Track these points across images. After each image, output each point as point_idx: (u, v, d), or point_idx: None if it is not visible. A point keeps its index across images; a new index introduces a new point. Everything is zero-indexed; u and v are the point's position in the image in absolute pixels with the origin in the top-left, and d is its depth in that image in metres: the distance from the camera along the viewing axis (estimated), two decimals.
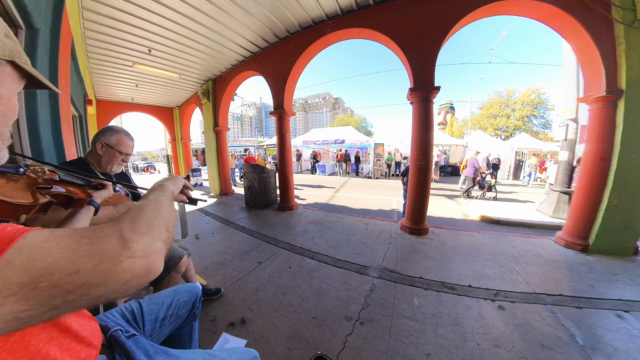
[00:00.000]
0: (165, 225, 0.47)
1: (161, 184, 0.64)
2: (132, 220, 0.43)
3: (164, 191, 0.60)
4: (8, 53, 0.44)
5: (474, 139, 14.43)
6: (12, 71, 0.47)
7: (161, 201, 0.54)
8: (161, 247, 0.42)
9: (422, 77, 3.49)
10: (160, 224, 0.46)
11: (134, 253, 0.37)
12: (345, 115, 56.24)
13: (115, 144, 1.31)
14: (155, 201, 0.53)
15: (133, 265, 0.36)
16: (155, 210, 0.49)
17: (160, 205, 0.52)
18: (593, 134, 3.08)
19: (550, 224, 4.50)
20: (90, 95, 5.52)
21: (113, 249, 0.36)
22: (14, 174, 0.54)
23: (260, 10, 3.76)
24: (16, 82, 0.48)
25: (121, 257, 0.36)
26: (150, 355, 0.76)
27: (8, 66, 0.45)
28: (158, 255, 0.40)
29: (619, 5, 2.72)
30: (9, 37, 0.46)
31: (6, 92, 0.45)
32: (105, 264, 0.34)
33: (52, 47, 1.80)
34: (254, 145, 25.84)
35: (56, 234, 0.35)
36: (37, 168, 0.63)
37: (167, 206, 0.54)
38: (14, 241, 0.31)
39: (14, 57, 0.46)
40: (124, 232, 0.39)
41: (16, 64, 0.47)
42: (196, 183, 9.60)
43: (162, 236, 0.44)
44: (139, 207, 0.48)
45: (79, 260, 0.33)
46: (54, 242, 0.33)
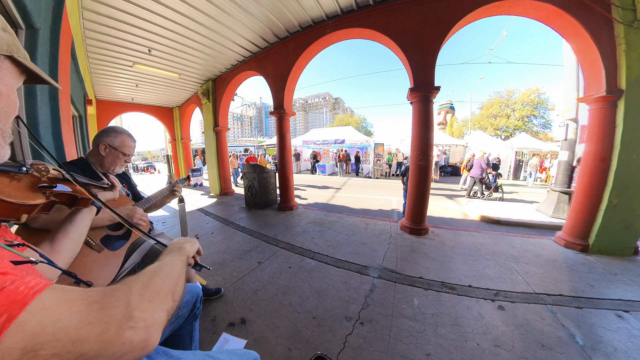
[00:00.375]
0: (172, 295, 0.46)
1: (181, 246, 0.64)
2: (143, 286, 0.42)
3: (182, 254, 0.60)
4: (6, 48, 0.43)
5: (474, 139, 14.44)
6: (10, 66, 0.45)
7: (175, 266, 0.54)
8: (163, 319, 0.40)
9: (422, 77, 3.49)
10: (168, 293, 0.45)
11: (135, 323, 0.35)
12: (345, 115, 56.23)
13: (119, 145, 1.31)
14: (170, 266, 0.52)
15: (133, 336, 0.34)
16: (167, 276, 0.48)
17: (173, 270, 0.51)
18: (593, 134, 3.08)
19: (550, 224, 4.50)
20: (90, 95, 5.52)
21: (119, 316, 0.35)
22: (17, 172, 0.53)
23: (260, 10, 3.76)
24: (15, 77, 0.47)
25: (124, 326, 0.34)
26: (151, 356, 0.76)
27: (6, 61, 0.44)
28: (158, 328, 0.39)
29: (619, 5, 2.72)
30: (7, 31, 0.44)
31: (5, 89, 0.44)
32: (109, 333, 0.33)
33: (52, 47, 1.80)
34: (254, 145, 25.82)
35: (68, 296, 0.34)
36: (41, 167, 0.62)
37: (179, 272, 0.53)
38: (28, 303, 0.30)
39: (12, 52, 0.44)
40: (131, 298, 0.38)
41: (15, 59, 0.45)
42: (196, 183, 9.60)
43: (166, 306, 0.42)
44: (153, 271, 0.47)
45: (86, 327, 0.32)
46: (65, 306, 0.32)
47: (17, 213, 0.48)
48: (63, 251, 0.67)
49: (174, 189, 1.49)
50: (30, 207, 0.51)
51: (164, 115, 9.79)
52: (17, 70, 0.47)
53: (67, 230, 0.70)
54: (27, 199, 0.50)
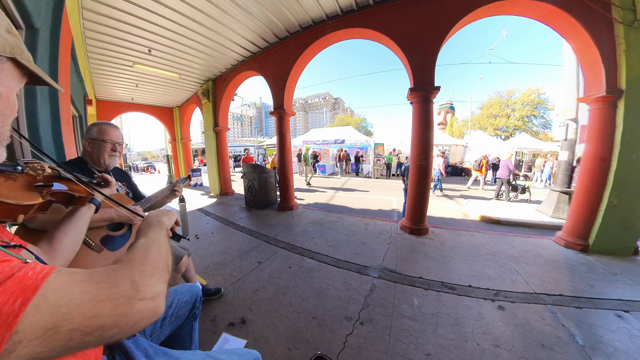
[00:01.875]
0: (167, 267, 0.50)
1: (159, 219, 0.65)
2: (141, 263, 0.45)
3: (162, 228, 0.62)
4: (9, 49, 0.43)
5: (474, 139, 14.44)
6: (12, 68, 0.45)
7: (161, 240, 0.56)
8: (164, 289, 0.44)
9: (422, 77, 3.49)
10: (164, 266, 0.49)
11: (144, 296, 0.39)
12: (345, 115, 56.19)
13: (97, 134, 1.31)
14: (157, 241, 0.55)
15: (143, 307, 0.38)
16: (158, 252, 0.51)
17: (161, 245, 0.54)
18: (593, 134, 3.08)
19: (550, 224, 4.50)
20: (90, 95, 5.52)
21: (127, 292, 0.38)
22: (12, 172, 0.52)
23: (260, 10, 3.76)
24: (16, 79, 0.47)
25: (134, 299, 0.38)
26: (150, 356, 0.76)
27: (8, 63, 0.44)
28: (162, 297, 0.43)
29: (619, 5, 2.72)
30: (11, 33, 0.44)
31: (5, 91, 0.44)
32: (121, 307, 0.36)
33: (52, 47, 1.80)
34: (254, 145, 25.81)
35: (75, 277, 0.36)
36: (37, 165, 0.60)
37: (166, 246, 0.56)
38: (39, 287, 0.31)
39: (15, 54, 0.44)
40: (134, 275, 0.41)
41: (17, 61, 0.45)
42: (196, 183, 9.60)
43: (165, 278, 0.46)
44: (144, 248, 0.50)
45: (99, 304, 0.34)
46: (75, 287, 0.34)
47: (13, 214, 0.47)
48: (62, 250, 0.66)
49: (175, 188, 1.49)
50: (26, 208, 0.50)
51: (164, 115, 9.79)
52: (19, 72, 0.47)
53: (65, 228, 0.69)
54: (22, 199, 0.49)
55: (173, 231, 0.75)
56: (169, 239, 0.65)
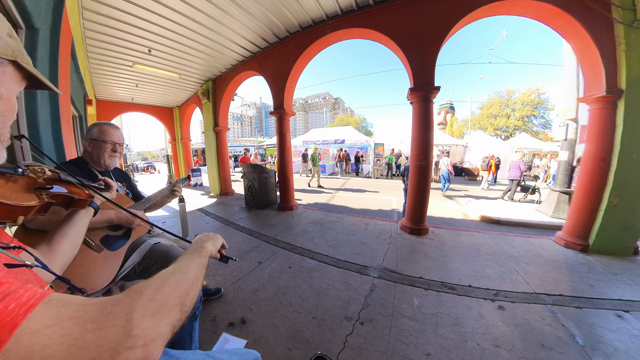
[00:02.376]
0: (181, 306, 0.42)
1: (202, 245, 0.61)
2: (149, 297, 0.38)
3: (202, 255, 0.57)
4: (11, 53, 0.43)
5: (474, 139, 14.44)
6: (13, 71, 0.46)
7: (190, 271, 0.49)
8: (165, 334, 0.37)
9: (422, 77, 3.49)
10: (176, 304, 0.41)
11: (134, 343, 0.32)
12: (345, 115, 56.22)
13: (98, 135, 1.31)
14: (183, 271, 0.48)
15: (130, 357, 0.31)
16: (176, 284, 0.43)
17: (186, 276, 0.47)
18: (593, 134, 3.08)
19: (550, 224, 4.50)
20: (90, 95, 5.52)
21: (115, 338, 0.31)
22: (12, 174, 0.52)
23: (260, 10, 3.76)
24: (17, 82, 0.47)
25: (121, 347, 0.31)
26: None
27: (10, 66, 0.45)
28: (159, 344, 0.35)
29: (619, 5, 2.71)
30: (12, 37, 0.45)
31: (6, 93, 0.44)
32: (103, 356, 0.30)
33: (52, 47, 1.80)
34: (254, 145, 25.82)
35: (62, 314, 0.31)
36: (37, 168, 0.61)
37: (194, 277, 0.49)
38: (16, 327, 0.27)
39: (17, 57, 0.45)
40: (133, 313, 0.34)
41: (18, 64, 0.46)
42: (196, 183, 9.60)
43: (172, 319, 0.39)
44: (163, 278, 0.43)
45: (77, 352, 0.29)
46: (57, 327, 0.29)
47: (13, 215, 0.48)
48: (61, 253, 0.66)
49: (174, 188, 1.49)
50: (26, 209, 0.50)
51: (164, 115, 9.79)
52: (20, 75, 0.48)
53: (64, 231, 0.69)
54: (22, 201, 0.49)
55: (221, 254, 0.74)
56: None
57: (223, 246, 0.74)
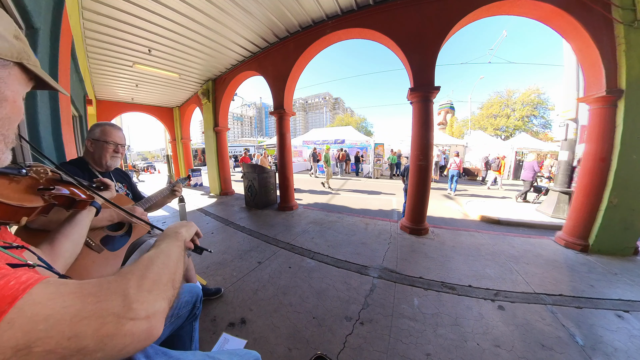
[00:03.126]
0: (172, 282, 0.45)
1: (176, 230, 0.62)
2: (141, 276, 0.40)
3: (178, 239, 0.59)
4: (16, 55, 0.43)
5: (474, 139, 14.43)
6: (19, 73, 0.45)
7: (172, 252, 0.52)
8: (164, 308, 0.39)
9: (422, 77, 3.49)
10: (167, 280, 0.44)
11: (136, 314, 0.34)
12: (345, 115, 56.21)
13: (100, 135, 1.31)
14: (166, 253, 0.51)
15: (134, 328, 0.34)
16: (164, 264, 0.46)
17: (170, 257, 0.50)
18: (593, 134, 3.08)
19: (550, 224, 4.50)
20: (90, 95, 5.52)
21: (117, 310, 0.33)
22: (16, 175, 0.53)
23: (260, 10, 3.76)
24: (23, 84, 0.47)
25: (123, 319, 0.33)
26: (150, 356, 0.75)
27: (16, 68, 0.44)
28: (160, 317, 0.38)
29: (619, 5, 2.71)
30: (19, 39, 0.45)
31: (12, 95, 0.44)
32: (107, 327, 0.32)
33: (52, 47, 1.80)
34: (254, 145, 25.82)
35: (62, 290, 0.32)
36: (40, 169, 0.62)
37: (177, 258, 0.52)
38: (17, 299, 0.28)
39: (22, 59, 0.44)
40: (129, 290, 0.36)
41: (24, 66, 0.45)
42: (196, 183, 9.60)
43: (167, 294, 0.41)
44: (149, 259, 0.46)
45: (81, 322, 0.30)
46: (58, 300, 0.31)
47: (16, 216, 0.48)
48: (63, 253, 0.67)
49: (174, 188, 1.49)
50: (29, 210, 0.50)
51: (164, 115, 9.79)
52: (26, 77, 0.47)
53: (66, 232, 0.70)
54: (26, 202, 0.50)
55: (195, 244, 0.73)
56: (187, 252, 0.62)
57: (198, 234, 0.74)
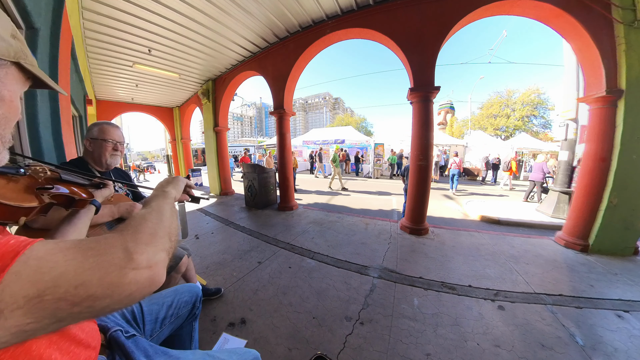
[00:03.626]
0: (168, 235, 0.47)
1: (163, 189, 0.64)
2: (135, 231, 0.42)
3: (166, 197, 0.60)
4: (14, 54, 0.43)
5: (474, 139, 14.43)
6: (16, 73, 0.45)
7: (164, 209, 0.54)
8: (164, 258, 0.42)
9: (422, 77, 3.49)
10: (164, 234, 0.46)
11: (138, 264, 0.37)
12: (345, 115, 56.22)
13: (98, 134, 1.31)
14: (157, 210, 0.52)
15: (137, 277, 0.36)
16: (158, 220, 0.48)
17: (162, 213, 0.52)
18: (593, 134, 3.08)
19: (550, 224, 4.50)
20: (90, 95, 5.52)
21: (118, 261, 0.35)
22: (14, 174, 0.52)
23: (261, 10, 3.76)
24: (20, 83, 0.47)
25: (126, 269, 0.35)
26: (150, 356, 0.76)
27: (13, 67, 0.44)
28: (161, 266, 0.40)
29: (619, 5, 2.71)
30: (16, 38, 0.44)
31: (9, 94, 0.44)
32: (111, 276, 0.34)
33: (52, 47, 1.80)
34: (254, 145, 25.82)
35: (61, 245, 0.34)
36: (38, 168, 0.61)
37: (170, 214, 0.53)
38: (20, 254, 0.30)
39: (20, 59, 0.44)
40: (127, 243, 0.38)
41: (21, 65, 0.45)
42: (196, 183, 9.60)
43: (165, 246, 0.44)
44: (141, 217, 0.48)
45: (86, 272, 0.32)
46: (60, 254, 0.33)
47: (15, 216, 0.48)
48: None
49: None
50: (27, 210, 0.50)
51: (164, 115, 9.79)
52: (23, 76, 0.47)
53: (65, 230, 0.69)
54: (24, 201, 0.49)
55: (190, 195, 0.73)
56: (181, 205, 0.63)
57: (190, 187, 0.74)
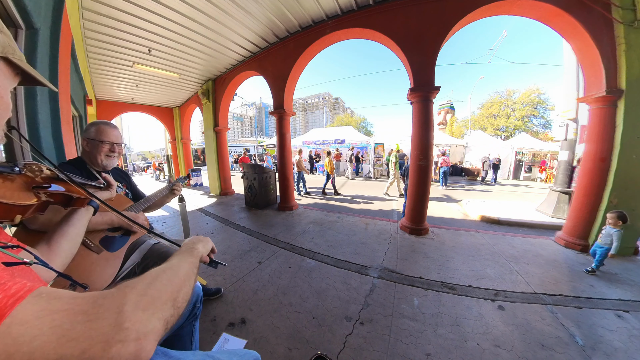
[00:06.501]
0: (174, 301, 0.41)
1: (192, 246, 0.61)
2: (142, 291, 0.38)
3: (193, 255, 0.57)
4: (0, 49, 0.43)
5: (474, 139, 14.43)
6: (4, 67, 0.45)
7: (181, 268, 0.50)
8: (158, 328, 0.36)
9: (422, 77, 3.49)
10: (168, 299, 0.40)
11: (126, 336, 0.31)
12: (345, 115, 56.20)
13: (95, 135, 1.29)
14: (175, 268, 0.48)
15: (122, 350, 0.31)
16: (169, 281, 0.44)
17: (177, 274, 0.47)
18: (593, 134, 3.08)
19: (550, 224, 4.49)
20: (90, 95, 5.52)
21: (106, 330, 0.31)
22: (9, 173, 0.52)
23: (261, 10, 3.76)
24: (9, 78, 0.47)
25: (112, 341, 0.30)
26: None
27: (0, 62, 0.44)
28: (152, 339, 0.35)
29: (619, 5, 2.72)
30: (2, 32, 0.44)
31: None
32: (94, 349, 0.29)
33: (52, 47, 1.80)
34: (254, 145, 25.82)
35: (52, 306, 0.30)
36: (34, 167, 0.61)
37: (186, 275, 0.49)
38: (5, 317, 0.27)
39: (7, 53, 0.44)
40: (124, 307, 0.34)
41: (9, 60, 0.45)
42: (196, 183, 9.60)
43: (164, 314, 0.38)
44: (155, 274, 0.44)
45: (68, 344, 0.28)
46: (47, 319, 0.29)
47: (10, 214, 0.47)
48: (60, 252, 0.66)
49: (174, 188, 1.49)
50: (23, 208, 0.50)
51: (164, 115, 9.79)
52: (12, 71, 0.47)
53: (63, 230, 0.69)
54: (19, 200, 0.49)
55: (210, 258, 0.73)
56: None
57: (213, 250, 0.73)
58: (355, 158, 14.61)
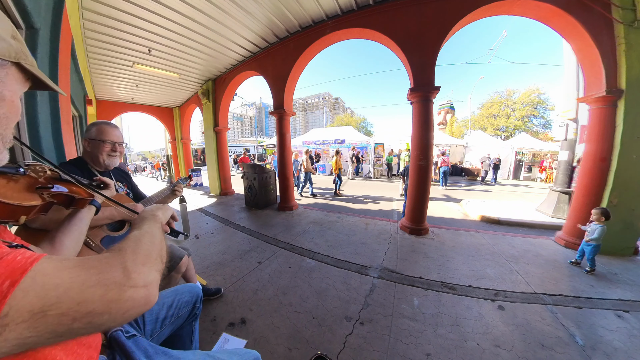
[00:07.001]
0: (160, 257, 0.51)
1: (153, 213, 0.66)
2: (133, 251, 0.45)
3: (156, 221, 0.63)
4: (14, 55, 0.44)
5: (474, 139, 14.43)
6: (17, 73, 0.46)
7: (155, 232, 0.57)
8: (157, 278, 0.45)
9: (422, 77, 3.49)
10: (157, 256, 0.49)
11: (136, 283, 0.39)
12: (345, 115, 56.19)
13: (96, 135, 1.30)
14: (150, 233, 0.56)
15: (135, 295, 0.38)
16: (151, 242, 0.52)
17: (154, 236, 0.55)
18: (593, 134, 3.08)
19: (550, 224, 4.50)
20: (90, 95, 5.52)
21: (118, 279, 0.38)
22: (14, 174, 0.53)
23: (261, 10, 3.76)
24: (20, 83, 0.48)
25: (125, 286, 0.38)
26: (150, 356, 0.76)
27: (13, 68, 0.45)
28: (155, 286, 0.43)
29: (619, 5, 2.72)
30: (16, 39, 0.45)
31: (9, 94, 0.45)
32: (111, 293, 0.36)
33: (52, 47, 1.80)
34: (254, 145, 25.83)
35: (66, 263, 0.36)
36: (38, 167, 0.61)
37: (160, 237, 0.57)
38: (27, 270, 0.31)
39: (20, 59, 0.45)
40: (126, 263, 0.41)
41: (22, 66, 0.46)
42: (196, 183, 9.60)
43: (158, 267, 0.47)
44: (137, 238, 0.51)
45: (89, 289, 0.34)
46: (65, 272, 0.34)
47: (15, 215, 0.48)
48: (63, 250, 0.67)
49: (175, 188, 1.49)
50: (28, 209, 0.50)
51: (164, 115, 9.79)
52: (23, 76, 0.48)
53: (66, 229, 0.70)
54: (24, 200, 0.50)
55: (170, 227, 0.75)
56: (166, 235, 0.66)
57: (173, 217, 0.76)
58: (356, 158, 14.64)
